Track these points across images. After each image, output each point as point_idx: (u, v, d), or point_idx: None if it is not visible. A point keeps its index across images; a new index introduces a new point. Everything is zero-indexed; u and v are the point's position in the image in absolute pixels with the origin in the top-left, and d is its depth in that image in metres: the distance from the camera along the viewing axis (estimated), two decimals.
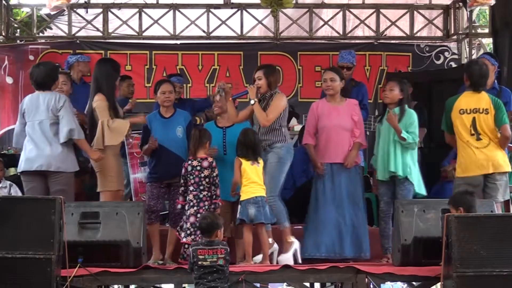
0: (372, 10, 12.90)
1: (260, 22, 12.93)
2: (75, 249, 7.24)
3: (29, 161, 7.95)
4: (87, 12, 12.82)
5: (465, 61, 12.30)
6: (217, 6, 12.77)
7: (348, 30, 12.93)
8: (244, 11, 12.74)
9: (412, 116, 8.31)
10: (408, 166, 8.19)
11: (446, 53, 12.99)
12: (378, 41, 12.97)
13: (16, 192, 9.46)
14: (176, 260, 7.99)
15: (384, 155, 8.28)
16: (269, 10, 11.67)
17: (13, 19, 13.14)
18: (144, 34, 12.79)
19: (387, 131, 8.30)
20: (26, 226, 6.92)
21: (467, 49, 12.81)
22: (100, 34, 12.75)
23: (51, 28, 13.08)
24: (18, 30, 13.28)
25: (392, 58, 12.90)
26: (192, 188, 7.89)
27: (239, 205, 7.83)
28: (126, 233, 7.49)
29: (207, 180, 7.88)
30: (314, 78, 12.60)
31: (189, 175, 7.91)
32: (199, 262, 7.02)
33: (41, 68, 8.16)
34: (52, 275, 6.85)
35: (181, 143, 8.34)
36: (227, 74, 12.66)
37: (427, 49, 12.98)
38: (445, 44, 13.08)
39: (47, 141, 7.94)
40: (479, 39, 13.17)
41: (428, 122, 10.09)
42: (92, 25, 12.83)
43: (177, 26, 12.75)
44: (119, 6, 12.80)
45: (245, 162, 7.84)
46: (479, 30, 13.33)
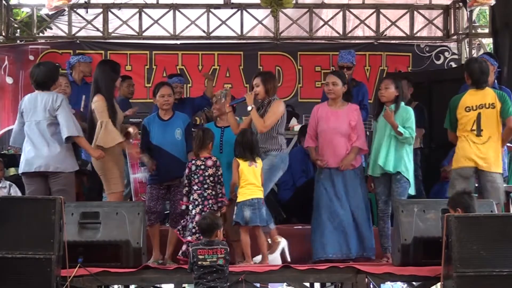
0: (372, 10, 12.91)
1: (260, 22, 12.93)
2: (75, 249, 7.23)
3: (28, 163, 7.94)
4: (87, 12, 12.83)
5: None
6: (217, 6, 12.78)
7: (348, 30, 12.93)
8: (244, 11, 12.75)
9: (409, 112, 8.30)
10: (403, 163, 8.16)
11: (446, 53, 12.99)
12: (378, 41, 12.98)
13: (16, 192, 9.46)
14: (176, 260, 8.00)
15: (376, 150, 8.27)
16: (269, 10, 11.67)
17: (13, 19, 13.14)
18: (144, 34, 12.80)
19: (383, 127, 8.28)
20: (26, 226, 6.91)
21: (467, 49, 12.81)
22: (100, 34, 12.76)
23: (51, 28, 13.08)
24: (18, 30, 13.28)
25: (392, 58, 12.90)
26: (197, 187, 7.90)
27: (235, 207, 7.86)
28: (126, 233, 7.49)
29: (212, 179, 7.90)
30: (314, 78, 12.61)
31: (193, 175, 7.92)
32: (199, 262, 7.02)
33: (41, 68, 8.16)
34: (52, 275, 6.84)
35: (180, 145, 8.34)
36: (227, 74, 12.67)
37: (427, 49, 12.98)
38: (445, 44, 13.09)
39: (45, 142, 7.93)
40: (479, 39, 13.18)
41: (428, 122, 10.08)
42: (92, 25, 12.84)
43: (177, 26, 12.76)
44: (119, 6, 12.81)
45: (243, 163, 7.85)
46: (479, 30, 13.33)
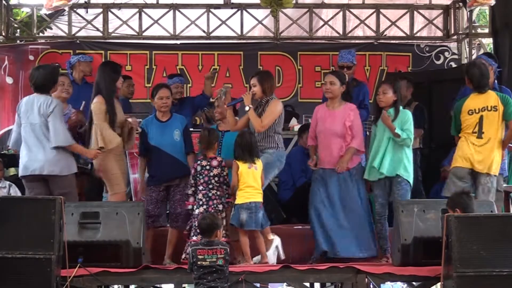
0: (372, 10, 12.89)
1: (260, 22, 12.92)
2: (75, 249, 7.24)
3: (24, 166, 7.96)
4: (87, 12, 12.81)
5: (465, 61, 12.29)
6: (217, 6, 12.76)
7: (348, 30, 12.92)
8: (244, 11, 12.73)
9: (407, 115, 8.33)
10: (403, 166, 8.18)
11: (446, 53, 12.98)
12: (378, 41, 12.97)
13: (16, 192, 9.46)
14: (176, 260, 7.99)
15: (374, 154, 8.28)
16: (269, 10, 11.66)
17: (13, 19, 13.12)
18: (144, 34, 12.78)
19: (382, 131, 8.30)
20: (26, 226, 6.92)
21: (467, 49, 12.79)
22: (100, 34, 12.74)
23: (51, 28, 13.07)
24: (18, 30, 13.26)
25: (392, 58, 12.89)
26: (202, 188, 7.94)
27: (233, 209, 7.87)
28: (126, 233, 7.50)
29: (217, 179, 7.94)
30: (314, 78, 12.60)
31: (199, 175, 7.96)
32: (199, 262, 7.03)
33: (41, 71, 8.14)
34: (52, 275, 6.85)
35: (179, 146, 8.37)
36: (227, 74, 12.66)
37: (427, 49, 12.97)
38: (445, 44, 13.07)
39: (41, 145, 7.91)
40: (479, 39, 13.16)
41: (429, 122, 10.08)
42: (92, 25, 12.82)
43: (177, 26, 12.75)
44: (119, 6, 12.79)
45: (242, 166, 7.86)
46: (479, 30, 13.31)
